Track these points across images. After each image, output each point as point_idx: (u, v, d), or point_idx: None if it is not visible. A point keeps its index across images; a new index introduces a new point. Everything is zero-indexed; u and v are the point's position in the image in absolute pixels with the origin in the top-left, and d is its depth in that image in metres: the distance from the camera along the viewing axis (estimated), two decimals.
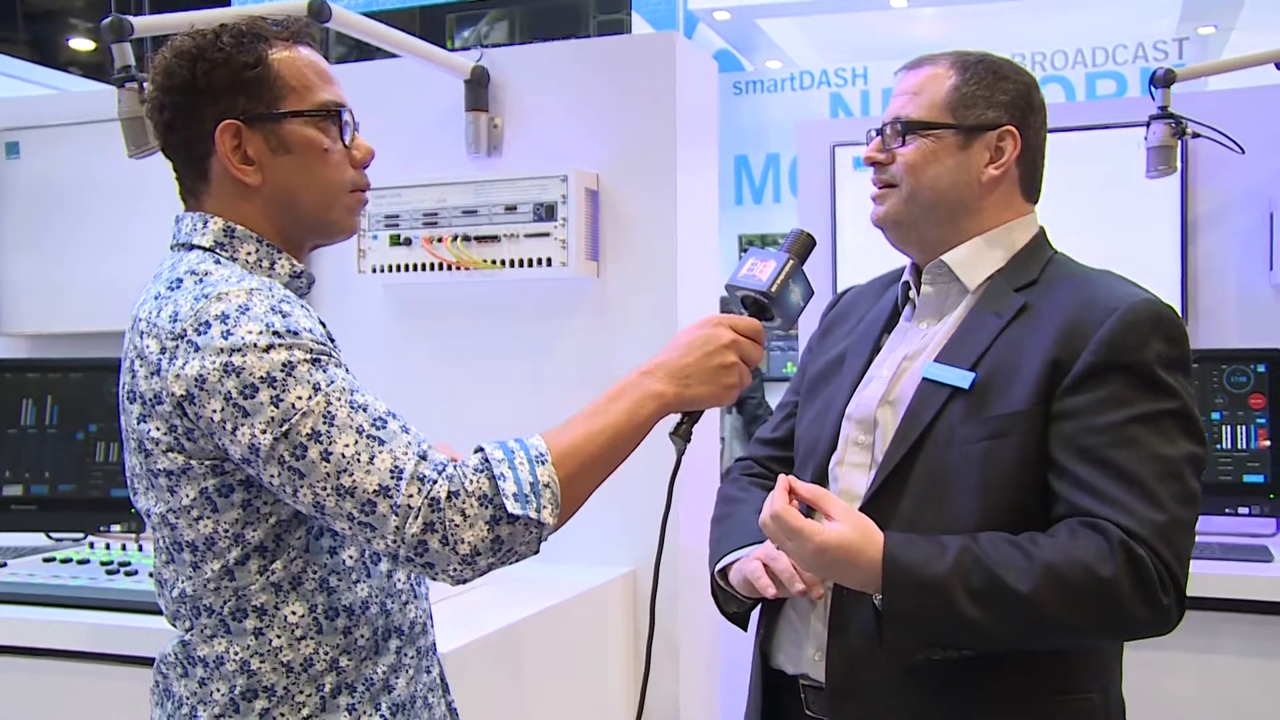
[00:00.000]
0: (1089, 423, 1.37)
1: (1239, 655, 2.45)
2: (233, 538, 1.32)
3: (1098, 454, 1.36)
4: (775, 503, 1.38)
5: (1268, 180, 2.96)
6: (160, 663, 1.42)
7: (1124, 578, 1.30)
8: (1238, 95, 3.27)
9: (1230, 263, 3.03)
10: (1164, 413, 1.37)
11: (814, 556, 1.36)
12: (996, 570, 1.31)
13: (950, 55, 1.54)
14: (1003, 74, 1.52)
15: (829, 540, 1.34)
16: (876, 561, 1.34)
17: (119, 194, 3.05)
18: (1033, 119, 1.53)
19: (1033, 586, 1.30)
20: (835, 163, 3.44)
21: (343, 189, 1.44)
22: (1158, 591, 1.31)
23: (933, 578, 1.32)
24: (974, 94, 1.50)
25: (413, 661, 1.45)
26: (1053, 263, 1.52)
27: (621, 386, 1.37)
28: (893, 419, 1.50)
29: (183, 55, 1.38)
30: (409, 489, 1.23)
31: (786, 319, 1.46)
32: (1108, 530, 1.32)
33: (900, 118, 1.52)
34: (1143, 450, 1.35)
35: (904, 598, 1.33)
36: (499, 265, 2.61)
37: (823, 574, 1.42)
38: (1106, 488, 1.34)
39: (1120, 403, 1.36)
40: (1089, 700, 1.44)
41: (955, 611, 1.31)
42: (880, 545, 1.34)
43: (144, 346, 1.31)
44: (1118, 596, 1.30)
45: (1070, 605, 1.31)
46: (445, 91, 2.71)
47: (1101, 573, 1.30)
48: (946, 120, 1.50)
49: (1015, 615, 1.32)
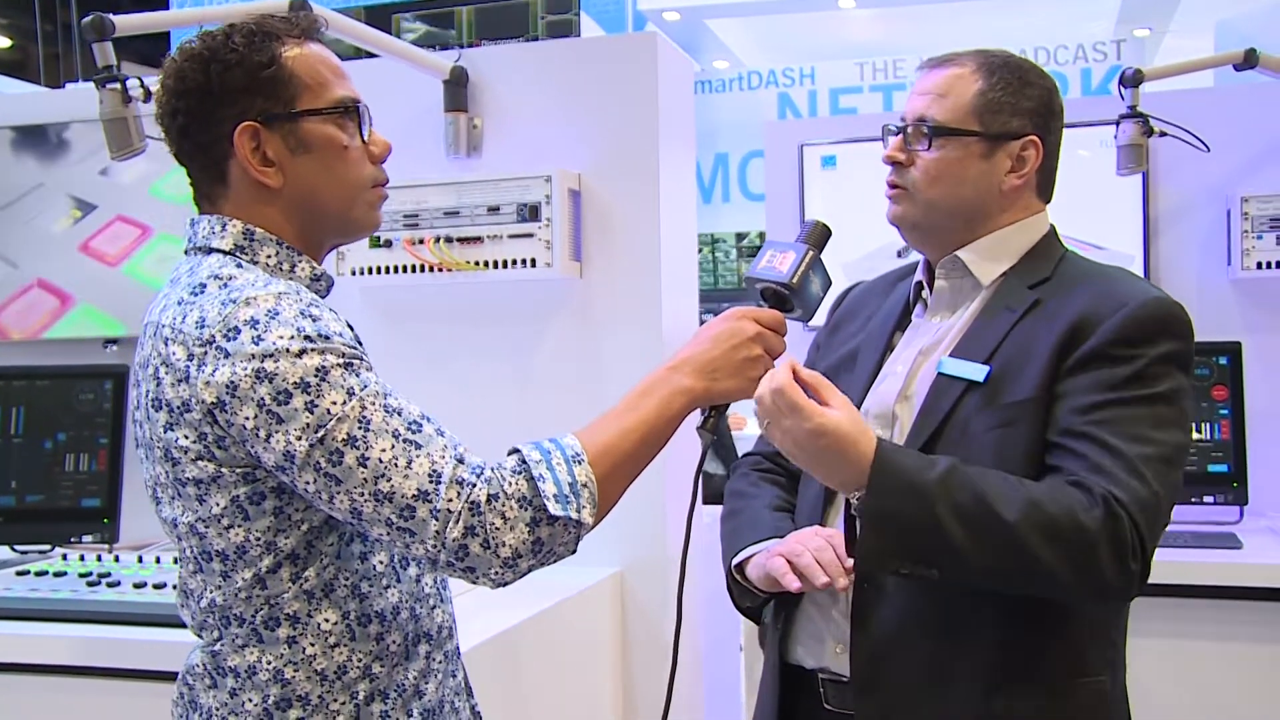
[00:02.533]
0: (1080, 402, 1.40)
1: (1210, 640, 2.52)
2: (264, 546, 1.30)
3: (1085, 429, 1.39)
4: (779, 377, 1.37)
5: (1226, 178, 3.04)
6: (186, 674, 1.39)
7: (1103, 532, 1.32)
8: (1198, 95, 3.36)
9: (1191, 258, 3.11)
10: (1154, 399, 1.40)
11: (809, 438, 1.35)
12: (985, 492, 1.33)
13: (975, 56, 1.54)
14: (1027, 79, 1.53)
15: (827, 423, 1.34)
16: (867, 457, 1.34)
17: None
18: (1054, 125, 1.55)
19: (1016, 515, 1.32)
20: (804, 162, 3.47)
21: (364, 185, 1.42)
22: (1129, 556, 1.34)
23: (920, 483, 1.33)
24: (1000, 100, 1.50)
25: (441, 666, 1.44)
26: (1065, 260, 1.55)
27: (650, 382, 1.37)
28: (910, 413, 1.51)
29: (195, 58, 1.35)
30: (448, 493, 1.22)
31: (807, 310, 1.47)
32: (1093, 487, 1.35)
33: (926, 119, 1.52)
34: (1132, 430, 1.38)
35: (889, 497, 1.34)
36: (482, 266, 2.59)
37: (810, 459, 1.39)
38: (1096, 457, 1.37)
39: (1112, 386, 1.39)
40: (1101, 684, 1.47)
41: (936, 523, 1.32)
42: (873, 443, 1.35)
43: (169, 353, 1.28)
44: (1093, 547, 1.32)
45: (1048, 543, 1.32)
46: (424, 92, 2.69)
47: (1083, 520, 1.32)
48: (973, 127, 1.50)
49: (994, 540, 1.33)
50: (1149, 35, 7.59)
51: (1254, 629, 2.49)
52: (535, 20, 8.06)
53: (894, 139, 1.55)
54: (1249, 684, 2.52)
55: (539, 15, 7.97)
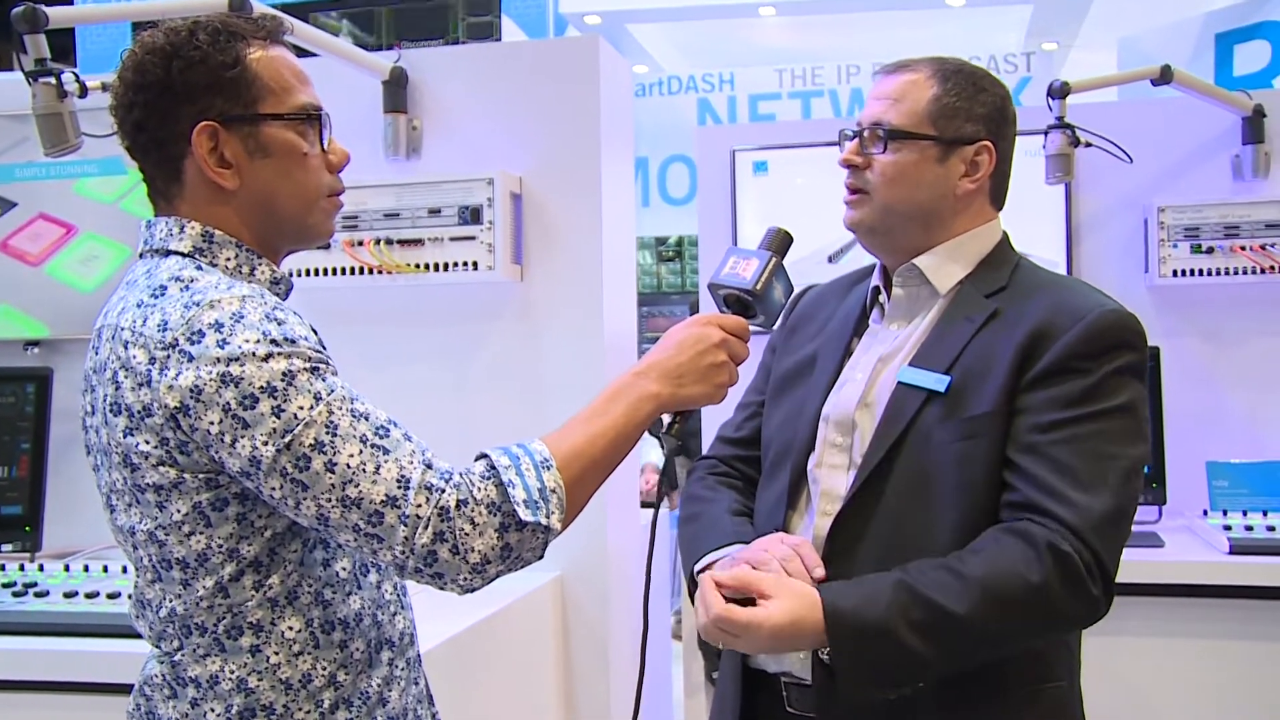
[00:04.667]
0: (1038, 419, 1.43)
1: (1134, 636, 2.61)
2: (226, 553, 1.27)
3: (1042, 449, 1.41)
4: (713, 606, 1.41)
5: (1144, 188, 3.15)
6: (144, 684, 1.36)
7: (1053, 579, 1.36)
8: (1112, 108, 3.47)
9: (1111, 265, 3.21)
10: (1111, 412, 1.43)
11: (770, 642, 1.40)
12: (932, 597, 1.35)
13: (930, 62, 1.57)
14: (981, 86, 1.56)
15: (780, 621, 1.37)
16: (820, 621, 1.37)
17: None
18: (1007, 131, 1.59)
19: (969, 606, 1.35)
20: (735, 166, 3.50)
21: (320, 193, 1.40)
22: (1086, 585, 1.37)
23: (875, 620, 1.36)
24: (954, 105, 1.53)
25: (404, 673, 1.42)
26: (1020, 269, 1.58)
27: (617, 388, 1.38)
28: (870, 421, 1.53)
29: (156, 52, 1.32)
30: (417, 498, 1.21)
31: (769, 316, 1.48)
32: (1031, 533, 1.38)
33: (881, 123, 1.55)
34: (1085, 446, 1.41)
35: (851, 646, 1.36)
36: (423, 269, 2.57)
37: (777, 652, 1.47)
38: (1047, 479, 1.40)
39: (1070, 402, 1.42)
40: (1060, 689, 1.51)
41: (902, 648, 1.35)
42: (819, 604, 1.38)
43: (129, 357, 1.25)
44: (1049, 599, 1.36)
45: (1006, 617, 1.37)
46: (362, 92, 2.66)
47: (1031, 579, 1.35)
48: (927, 131, 1.53)
49: (957, 639, 1.37)
50: (1057, 49, 7.80)
51: (1177, 625, 2.59)
52: (456, 22, 7.99)
53: (850, 143, 1.58)
54: (1173, 677, 2.62)
55: (460, 17, 7.90)
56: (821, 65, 7.74)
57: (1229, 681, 2.59)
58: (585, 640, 2.65)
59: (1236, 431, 3.11)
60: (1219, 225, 3.04)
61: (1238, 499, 2.85)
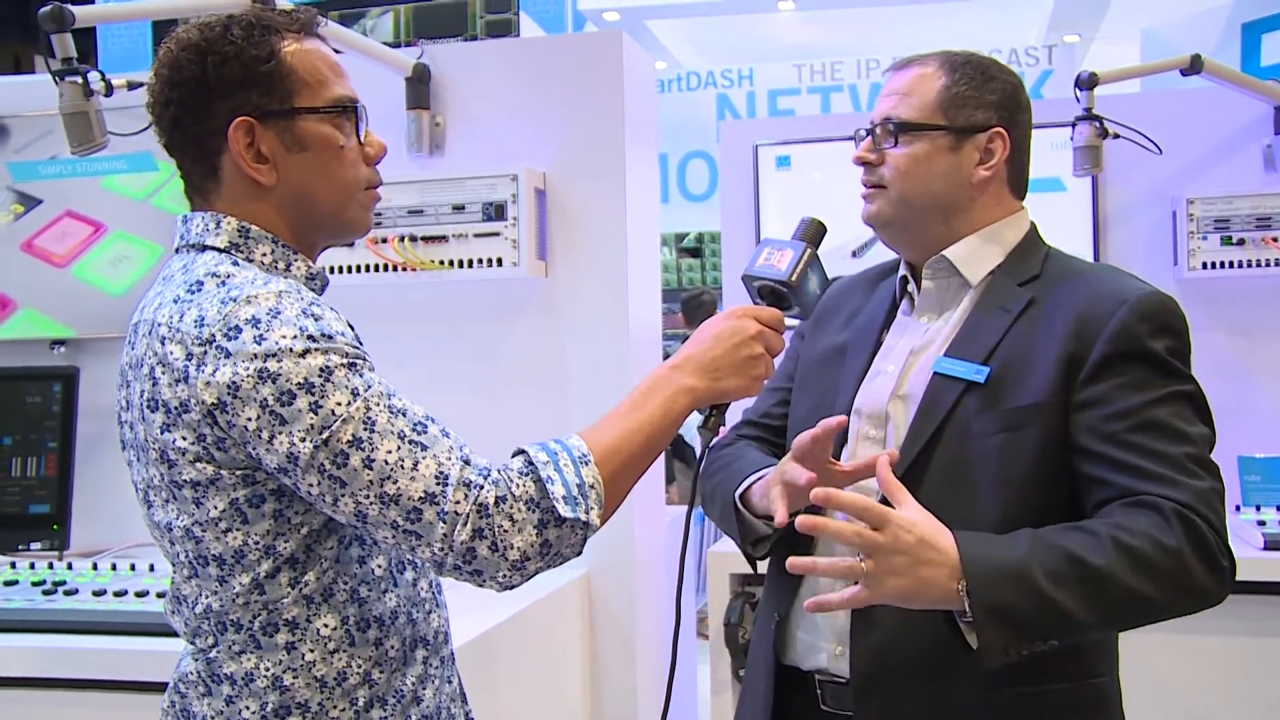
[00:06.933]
0: (1113, 409, 1.41)
1: (1170, 632, 2.43)
2: (263, 550, 1.26)
3: (1126, 437, 1.40)
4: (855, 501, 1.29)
5: (1172, 180, 3.11)
6: (179, 681, 1.35)
7: (1186, 545, 1.32)
8: (1139, 99, 3.44)
9: (1138, 258, 3.17)
10: (1180, 395, 1.42)
11: (916, 550, 1.29)
12: (1069, 549, 1.32)
13: (938, 55, 1.57)
14: (990, 74, 1.56)
15: (928, 531, 1.29)
16: (953, 548, 1.30)
17: None
18: (1020, 118, 1.57)
19: (1107, 560, 1.30)
20: (759, 161, 3.49)
21: (358, 186, 1.39)
22: (1217, 556, 1.34)
23: (1014, 562, 1.30)
24: (964, 94, 1.53)
25: (438, 672, 1.41)
26: (1051, 258, 1.57)
27: (653, 382, 1.36)
28: (904, 413, 1.52)
29: (190, 48, 1.32)
30: (455, 495, 1.20)
31: (805, 308, 1.47)
32: (1158, 504, 1.35)
33: (891, 118, 1.54)
34: (1169, 430, 1.40)
35: (992, 590, 1.29)
36: (447, 266, 2.56)
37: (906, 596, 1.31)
38: (1145, 465, 1.38)
39: (1140, 388, 1.41)
40: (1102, 684, 1.49)
41: (1046, 598, 1.29)
42: (951, 539, 1.31)
43: (166, 353, 1.24)
44: (1184, 565, 1.32)
45: (1146, 578, 1.31)
46: (385, 89, 2.65)
47: (1166, 542, 1.32)
48: (938, 121, 1.53)
49: (1096, 593, 1.31)
50: (1079, 41, 7.76)
51: (1210, 621, 2.43)
52: (474, 19, 8.00)
53: (864, 141, 1.58)
54: (1207, 674, 2.61)
55: (478, 15, 7.91)
56: (841, 60, 7.73)
57: (1264, 678, 2.56)
58: (612, 637, 2.64)
59: (1269, 426, 3.07)
60: (1250, 216, 3.01)
61: (1271, 494, 2.82)
